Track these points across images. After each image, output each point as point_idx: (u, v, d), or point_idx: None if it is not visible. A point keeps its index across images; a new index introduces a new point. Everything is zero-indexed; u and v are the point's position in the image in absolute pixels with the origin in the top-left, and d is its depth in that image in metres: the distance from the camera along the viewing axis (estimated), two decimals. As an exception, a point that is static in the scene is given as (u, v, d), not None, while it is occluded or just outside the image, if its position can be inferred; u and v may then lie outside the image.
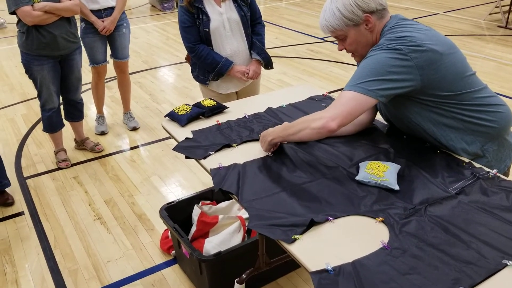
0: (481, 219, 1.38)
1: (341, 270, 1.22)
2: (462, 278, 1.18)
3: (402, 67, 1.55)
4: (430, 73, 1.57)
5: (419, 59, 1.55)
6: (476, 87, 1.66)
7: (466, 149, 1.69)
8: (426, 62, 1.55)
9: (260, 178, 1.65)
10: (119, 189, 3.35)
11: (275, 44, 6.49)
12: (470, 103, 1.64)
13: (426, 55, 1.55)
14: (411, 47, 1.55)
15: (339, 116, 1.56)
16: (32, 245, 2.85)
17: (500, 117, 1.68)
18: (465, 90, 1.63)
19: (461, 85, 1.62)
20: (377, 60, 1.57)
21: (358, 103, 1.56)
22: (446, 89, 1.61)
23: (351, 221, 1.42)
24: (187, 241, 2.29)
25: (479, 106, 1.65)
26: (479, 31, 6.81)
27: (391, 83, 1.55)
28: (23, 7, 3.06)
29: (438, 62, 1.57)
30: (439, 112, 1.66)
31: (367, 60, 1.60)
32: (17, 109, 4.76)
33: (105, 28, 3.67)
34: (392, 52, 1.55)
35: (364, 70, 1.58)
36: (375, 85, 1.55)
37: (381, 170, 1.57)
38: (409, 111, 1.70)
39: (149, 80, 5.44)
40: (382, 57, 1.56)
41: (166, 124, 2.15)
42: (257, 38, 2.76)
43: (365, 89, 1.55)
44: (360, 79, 1.57)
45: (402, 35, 1.58)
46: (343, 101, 1.57)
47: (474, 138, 1.68)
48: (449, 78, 1.60)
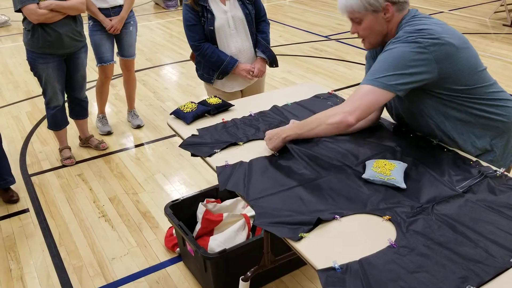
0: (489, 217, 1.38)
1: (348, 268, 1.22)
2: (470, 277, 1.18)
3: (421, 60, 1.55)
4: (446, 66, 1.58)
5: (437, 52, 1.55)
6: (487, 82, 1.68)
7: (475, 143, 1.71)
8: (443, 55, 1.56)
9: (266, 176, 1.65)
10: (123, 187, 3.36)
11: (279, 43, 6.48)
12: (482, 97, 1.66)
13: (444, 48, 1.56)
14: (430, 40, 1.55)
15: (357, 110, 1.56)
16: (37, 242, 2.86)
17: (510, 111, 1.70)
18: (477, 85, 1.64)
19: (474, 80, 1.64)
20: (396, 53, 1.57)
21: (376, 97, 1.57)
22: (460, 83, 1.62)
23: (358, 219, 1.42)
24: (192, 239, 2.29)
25: (490, 101, 1.67)
26: (484, 29, 6.78)
27: (410, 77, 1.56)
28: (29, 5, 3.06)
29: (455, 56, 1.58)
30: (452, 105, 1.67)
31: (386, 54, 1.60)
32: (22, 107, 4.77)
33: (113, 27, 3.67)
34: (412, 45, 1.56)
35: (383, 64, 1.58)
36: (394, 79, 1.55)
37: (388, 169, 1.57)
38: (423, 104, 1.71)
39: (153, 78, 5.44)
40: (402, 50, 1.56)
41: (172, 122, 2.15)
42: (262, 36, 2.75)
43: (384, 84, 1.56)
44: (379, 73, 1.57)
45: (421, 27, 1.58)
46: (361, 95, 1.58)
47: (484, 132, 1.70)
48: (463, 72, 1.61)
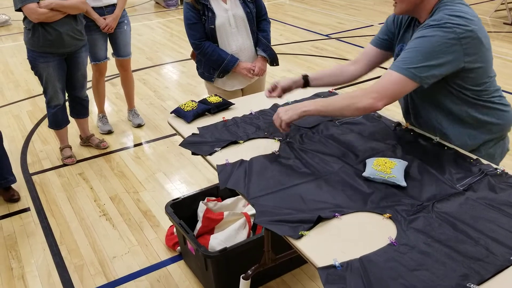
0: (489, 215, 1.38)
1: (349, 266, 1.22)
2: (470, 275, 1.18)
3: (452, 51, 1.54)
4: (470, 60, 1.58)
5: (468, 45, 1.55)
6: (494, 87, 1.72)
7: (466, 142, 1.75)
8: (472, 49, 1.56)
9: (267, 175, 1.65)
10: (124, 186, 3.36)
11: (280, 41, 6.48)
12: (486, 100, 1.69)
13: (475, 42, 1.55)
14: (466, 31, 1.53)
15: (386, 97, 1.57)
16: (38, 241, 2.86)
17: (506, 117, 1.75)
18: (486, 89, 1.67)
19: (485, 83, 1.66)
20: (432, 42, 1.54)
21: (404, 87, 1.57)
22: (471, 82, 1.64)
23: (358, 217, 1.42)
24: (192, 237, 2.29)
25: (493, 104, 1.71)
26: (485, 28, 6.77)
27: (439, 68, 1.55)
28: (29, 4, 3.06)
29: (480, 53, 1.59)
30: (457, 102, 1.69)
31: (420, 41, 1.56)
32: (23, 106, 4.78)
33: (107, 26, 3.67)
34: (448, 33, 1.52)
35: (416, 52, 1.55)
36: (425, 71, 1.55)
37: (388, 167, 1.57)
38: (432, 94, 1.71)
39: (154, 77, 5.45)
40: (438, 40, 1.53)
41: (172, 121, 2.15)
42: (263, 34, 2.75)
43: (415, 75, 1.55)
44: (411, 62, 1.55)
45: (459, 14, 1.55)
46: (392, 83, 1.57)
47: (479, 135, 1.74)
48: (480, 73, 1.62)
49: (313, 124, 1.99)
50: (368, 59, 1.95)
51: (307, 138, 1.88)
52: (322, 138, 1.87)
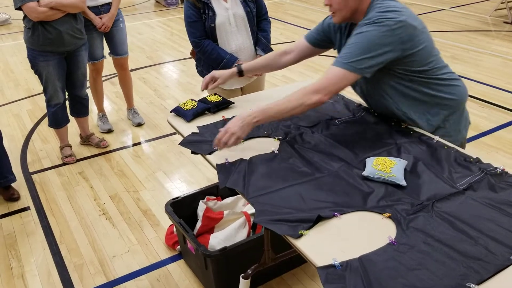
0: (489, 215, 1.38)
1: (348, 266, 1.22)
2: (469, 274, 1.18)
3: (389, 43, 1.67)
4: (408, 47, 1.70)
5: (403, 34, 1.68)
6: (441, 64, 1.83)
7: (430, 120, 1.87)
8: (407, 37, 1.69)
9: (266, 174, 1.65)
10: (124, 185, 3.36)
11: (279, 40, 6.47)
12: (436, 78, 1.81)
13: (408, 30, 1.68)
14: (397, 22, 1.66)
15: (331, 92, 1.72)
16: (38, 240, 2.86)
17: (459, 91, 1.87)
18: (432, 67, 1.79)
19: (429, 62, 1.78)
20: (367, 37, 1.68)
21: (347, 80, 1.71)
22: (417, 64, 1.76)
23: (358, 216, 1.42)
24: (192, 236, 2.29)
25: (443, 80, 1.83)
26: (485, 27, 6.77)
27: (378, 58, 1.69)
28: (29, 3, 3.06)
29: (416, 38, 1.71)
30: (409, 85, 1.81)
31: (359, 37, 1.70)
32: (23, 105, 4.78)
33: (104, 25, 3.67)
34: (382, 27, 1.67)
35: (355, 47, 1.69)
36: (364, 63, 1.68)
37: (388, 166, 1.57)
38: (384, 84, 1.85)
39: (154, 76, 5.44)
40: (373, 34, 1.67)
41: (172, 120, 2.15)
42: (263, 34, 2.75)
43: (355, 68, 1.69)
44: (352, 57, 1.69)
45: (390, 9, 1.70)
46: (334, 77, 1.71)
47: (438, 110, 1.86)
48: (421, 54, 1.74)
49: (313, 123, 1.99)
50: (300, 52, 2.11)
51: (306, 137, 1.88)
52: (321, 137, 1.87)
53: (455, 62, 5.37)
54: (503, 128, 3.89)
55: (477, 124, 3.97)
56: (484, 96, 4.42)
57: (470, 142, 3.69)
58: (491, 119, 4.04)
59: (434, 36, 6.81)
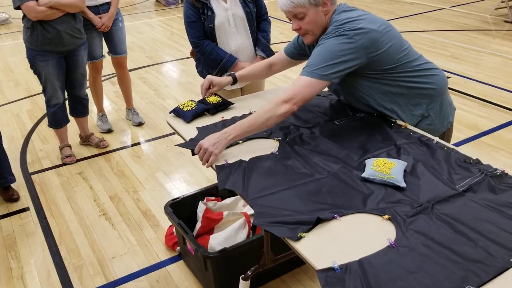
0: (489, 217, 1.37)
1: (348, 268, 1.22)
2: (469, 277, 1.17)
3: (350, 49, 1.74)
4: (373, 51, 1.76)
5: (363, 40, 1.74)
6: (413, 57, 1.87)
7: (413, 111, 1.91)
8: (369, 41, 1.75)
9: (266, 175, 1.64)
10: (124, 185, 3.35)
11: (279, 39, 6.46)
12: (411, 70, 1.85)
13: (368, 35, 1.74)
14: (354, 30, 1.74)
15: (300, 100, 1.78)
16: (37, 240, 2.86)
17: (438, 79, 1.92)
18: (404, 61, 1.84)
19: (400, 57, 1.83)
20: (328, 47, 1.76)
21: (314, 87, 1.78)
22: (388, 62, 1.81)
23: (357, 218, 1.41)
24: (192, 238, 2.28)
25: (419, 71, 1.87)
26: (485, 26, 6.76)
27: (342, 65, 1.76)
28: (28, 2, 3.05)
29: (379, 40, 1.76)
30: (385, 82, 1.86)
31: (320, 48, 1.79)
32: (22, 105, 4.77)
33: (103, 24, 3.66)
34: (340, 37, 1.75)
35: (318, 57, 1.77)
36: (328, 70, 1.75)
37: (388, 167, 1.56)
38: (360, 86, 1.91)
39: (154, 76, 5.44)
40: (332, 43, 1.76)
41: (171, 120, 2.14)
42: (262, 34, 2.74)
43: (320, 75, 1.76)
44: (315, 65, 1.77)
45: (347, 20, 1.78)
46: (301, 86, 1.78)
47: (419, 100, 1.90)
48: (389, 53, 1.80)
49: (312, 124, 1.98)
50: (282, 64, 2.22)
51: (306, 138, 1.88)
52: (321, 138, 1.87)
53: (455, 61, 5.36)
54: (504, 127, 3.89)
55: (477, 123, 3.96)
56: (484, 96, 4.42)
57: (470, 142, 3.69)
58: (491, 119, 4.03)
59: (434, 35, 6.76)
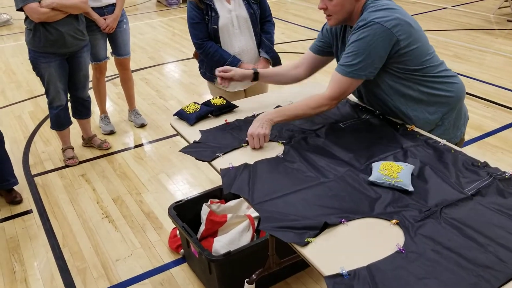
0: (498, 221, 1.36)
1: (356, 275, 1.20)
2: (480, 283, 1.16)
3: (388, 43, 1.71)
4: (407, 45, 1.74)
5: (401, 32, 1.71)
6: (437, 62, 1.85)
7: (428, 118, 1.89)
8: (406, 34, 1.72)
9: (271, 179, 1.63)
10: (127, 187, 3.34)
11: (281, 40, 6.45)
12: (433, 76, 1.83)
13: (405, 28, 1.72)
14: (393, 21, 1.70)
15: (338, 98, 1.83)
16: (40, 243, 2.85)
17: (457, 87, 1.89)
18: (428, 65, 1.82)
19: (425, 60, 1.81)
20: (366, 42, 1.72)
21: (353, 85, 1.81)
22: (414, 63, 1.79)
23: (365, 223, 1.40)
24: (196, 241, 2.27)
25: (441, 78, 1.85)
26: (488, 25, 6.74)
27: (379, 60, 1.75)
28: (30, 3, 3.04)
29: (413, 36, 1.74)
30: (408, 84, 1.84)
31: (358, 44, 1.73)
32: (24, 106, 4.76)
33: (108, 26, 3.65)
34: (378, 30, 1.70)
35: (357, 55, 1.74)
36: (366, 68, 1.75)
37: (395, 171, 1.54)
38: (382, 83, 1.87)
39: (156, 77, 5.42)
40: (370, 38, 1.71)
41: (175, 123, 2.13)
42: (266, 36, 2.72)
43: (358, 74, 1.77)
44: (355, 64, 1.75)
45: (382, 7, 1.73)
46: (341, 85, 1.80)
47: (436, 108, 1.87)
48: (417, 53, 1.77)
49: (318, 126, 1.97)
50: (308, 64, 2.12)
51: (311, 141, 1.86)
52: (326, 140, 1.85)
53: (458, 61, 5.34)
54: (508, 128, 3.86)
55: (482, 124, 3.94)
56: (488, 96, 4.39)
57: (475, 143, 3.67)
58: (495, 119, 4.01)
59: (437, 35, 6.74)
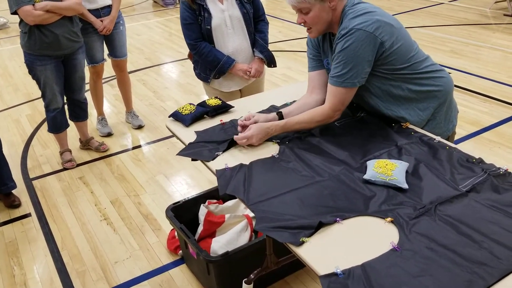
0: (493, 217, 1.36)
1: (351, 274, 1.20)
2: (474, 280, 1.16)
3: (373, 46, 1.72)
4: (390, 45, 1.74)
5: (383, 34, 1.72)
6: (422, 57, 1.86)
7: (421, 115, 1.89)
8: (388, 35, 1.73)
9: (266, 179, 1.63)
10: (125, 189, 3.34)
11: (278, 38, 6.44)
12: (420, 72, 1.83)
13: (387, 29, 1.73)
14: (374, 24, 1.70)
15: (338, 109, 1.85)
16: (39, 246, 2.85)
17: (445, 81, 1.89)
18: (414, 61, 1.82)
19: (411, 57, 1.81)
20: (351, 50, 1.72)
21: (349, 94, 1.83)
22: (400, 61, 1.79)
23: (359, 221, 1.40)
24: (194, 242, 2.27)
25: (428, 73, 1.85)
26: (485, 20, 6.73)
27: (368, 65, 1.76)
28: (24, 6, 3.04)
29: (395, 35, 1.75)
30: (396, 84, 1.84)
31: (344, 53, 1.74)
32: (22, 110, 4.76)
33: (105, 28, 3.64)
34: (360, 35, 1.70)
35: (345, 64, 1.75)
36: (358, 75, 1.76)
37: (389, 169, 1.54)
38: (371, 86, 1.87)
39: (153, 78, 5.42)
40: (355, 46, 1.71)
41: (170, 125, 2.13)
42: (260, 35, 2.71)
43: (352, 82, 1.78)
44: (345, 74, 1.76)
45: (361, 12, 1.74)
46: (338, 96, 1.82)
47: (427, 104, 1.88)
48: (402, 51, 1.78)
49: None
50: (319, 84, 2.04)
51: (306, 140, 1.86)
52: (321, 140, 1.85)
53: (455, 56, 5.34)
54: (505, 123, 3.86)
55: (479, 119, 3.94)
56: (485, 91, 4.39)
57: (472, 138, 3.67)
58: (492, 114, 4.00)
59: (434, 31, 6.73)
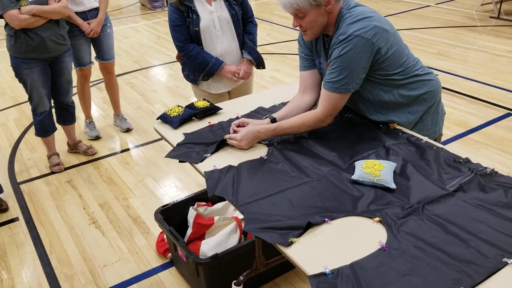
0: (480, 216, 1.37)
1: (340, 273, 1.21)
2: (462, 278, 1.17)
3: (370, 53, 1.71)
4: (385, 51, 1.74)
5: (380, 41, 1.71)
6: (413, 61, 1.87)
7: (409, 118, 1.90)
8: (384, 41, 1.72)
9: (255, 180, 1.63)
10: (113, 192, 3.32)
11: (267, 41, 6.45)
12: (412, 76, 1.84)
13: (383, 35, 1.72)
14: (371, 30, 1.69)
15: (331, 114, 1.84)
16: (27, 251, 2.82)
17: (433, 84, 1.91)
18: (407, 65, 1.83)
19: (404, 61, 1.82)
20: (348, 57, 1.71)
21: (342, 99, 1.82)
22: (394, 66, 1.79)
23: (348, 222, 1.40)
24: (183, 244, 2.26)
25: (418, 77, 1.86)
26: (471, 22, 6.80)
27: (363, 71, 1.76)
28: (10, 11, 3.01)
29: (390, 41, 1.75)
30: (386, 89, 1.85)
31: (341, 59, 1.73)
32: (9, 114, 4.71)
33: (92, 30, 3.63)
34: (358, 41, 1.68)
35: (341, 70, 1.74)
36: (353, 81, 1.76)
37: (377, 169, 1.55)
38: (363, 90, 1.87)
39: (141, 81, 5.40)
40: (352, 52, 1.70)
41: (159, 127, 2.12)
42: (249, 37, 2.72)
43: (346, 88, 1.77)
44: (341, 80, 1.75)
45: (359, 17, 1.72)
46: (332, 101, 1.80)
47: (416, 108, 1.90)
48: (397, 55, 1.78)
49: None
50: (310, 84, 2.02)
51: (295, 141, 1.87)
52: (310, 141, 1.85)
53: (442, 58, 5.39)
54: (492, 124, 3.90)
55: (466, 120, 3.97)
56: (472, 92, 4.43)
57: (459, 139, 3.70)
58: (479, 115, 4.04)
59: (421, 33, 6.78)
